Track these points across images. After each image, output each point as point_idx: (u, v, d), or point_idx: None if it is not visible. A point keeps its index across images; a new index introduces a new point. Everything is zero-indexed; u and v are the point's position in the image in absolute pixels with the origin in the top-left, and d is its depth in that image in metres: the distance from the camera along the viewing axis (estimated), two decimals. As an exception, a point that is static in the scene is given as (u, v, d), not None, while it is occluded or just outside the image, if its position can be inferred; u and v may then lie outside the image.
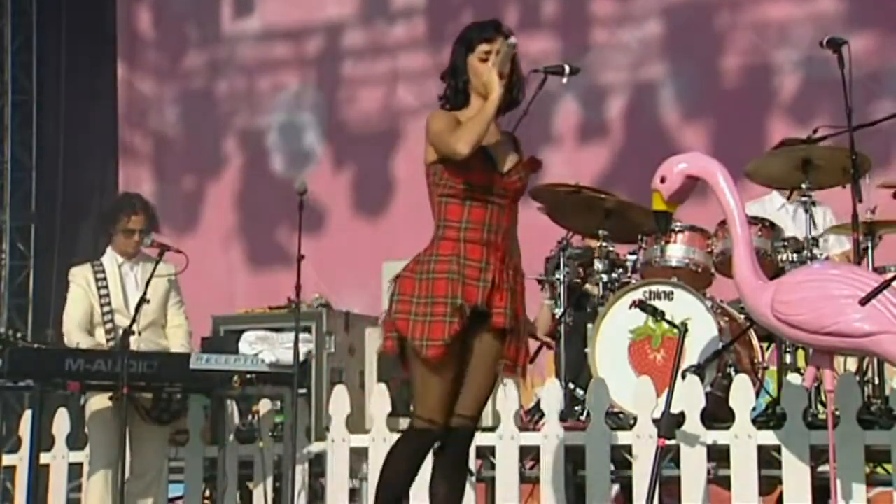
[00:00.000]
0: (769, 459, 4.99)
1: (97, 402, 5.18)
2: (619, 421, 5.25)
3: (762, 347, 5.55)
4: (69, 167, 8.58)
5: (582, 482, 5.22)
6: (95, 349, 5.11)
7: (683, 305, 5.24)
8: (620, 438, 5.11)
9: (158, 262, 5.25)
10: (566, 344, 5.66)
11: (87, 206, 8.48)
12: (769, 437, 4.94)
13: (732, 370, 5.30)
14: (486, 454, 5.42)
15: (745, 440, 4.92)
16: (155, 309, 5.33)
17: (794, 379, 5.07)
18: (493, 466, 5.36)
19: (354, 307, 6.29)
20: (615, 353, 5.38)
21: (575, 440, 5.19)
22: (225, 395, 5.38)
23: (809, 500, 4.81)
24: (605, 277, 5.72)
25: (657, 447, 4.42)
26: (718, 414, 5.09)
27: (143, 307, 5.09)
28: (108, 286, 5.30)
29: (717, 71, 7.59)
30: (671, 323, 4.80)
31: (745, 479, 4.90)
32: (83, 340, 5.21)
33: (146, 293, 5.08)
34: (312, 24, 8.61)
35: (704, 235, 5.67)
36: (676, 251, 5.65)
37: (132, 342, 5.04)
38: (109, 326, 5.23)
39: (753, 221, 5.32)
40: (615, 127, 7.77)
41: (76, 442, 5.98)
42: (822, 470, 4.92)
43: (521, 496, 5.31)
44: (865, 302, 3.95)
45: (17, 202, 8.61)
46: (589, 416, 5.21)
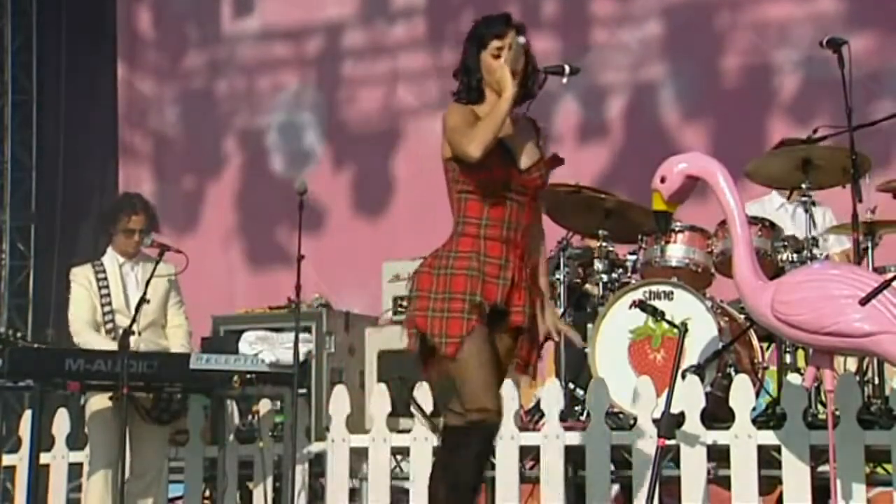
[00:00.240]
0: (769, 459, 4.99)
1: (97, 402, 5.18)
2: (619, 421, 5.25)
3: (762, 347, 5.55)
4: (69, 167, 8.57)
5: (582, 482, 5.22)
6: (95, 349, 5.10)
7: (683, 305, 5.24)
8: (620, 438, 5.11)
9: (158, 262, 5.24)
10: (566, 344, 5.65)
11: (87, 206, 8.47)
12: (769, 436, 4.94)
13: (732, 370, 5.30)
14: (486, 454, 5.42)
15: (745, 440, 4.92)
16: (155, 309, 5.32)
17: (794, 379, 5.07)
18: (493, 466, 5.35)
19: (354, 307, 6.29)
20: (615, 353, 5.38)
21: (575, 440, 5.19)
22: (225, 395, 5.38)
23: (809, 500, 4.81)
24: (605, 277, 5.73)
25: (657, 447, 4.42)
26: (718, 414, 5.09)
27: (143, 307, 5.09)
28: (108, 286, 5.30)
29: (717, 71, 7.59)
30: (671, 323, 4.80)
31: (745, 479, 4.90)
32: (94, 339, 5.20)
33: (146, 293, 5.08)
34: (312, 24, 8.61)
35: (704, 235, 5.67)
36: (676, 251, 5.65)
37: (132, 342, 5.04)
38: (110, 326, 5.23)
39: (753, 221, 5.32)
40: (615, 127, 7.77)
41: (76, 442, 5.98)
42: (822, 470, 4.93)
43: (521, 496, 5.31)
44: (865, 302, 3.95)
45: (17, 202, 8.61)
46: (589, 416, 5.21)
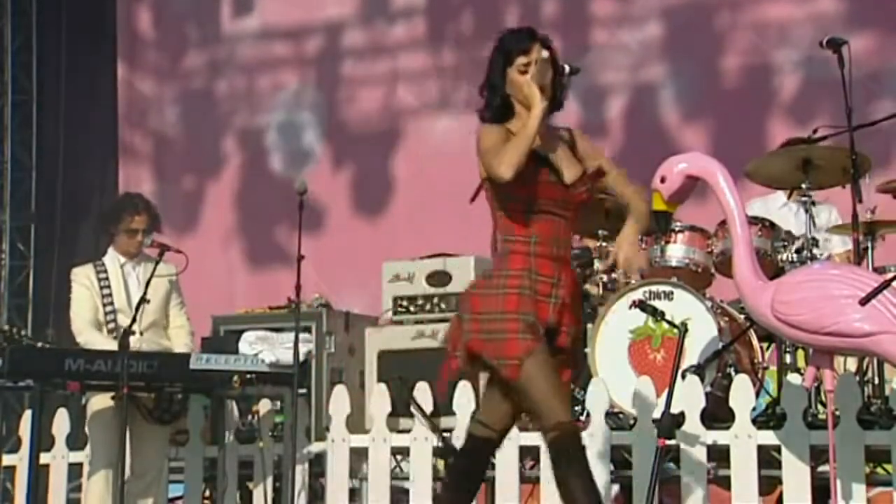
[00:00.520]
0: (769, 459, 4.99)
1: (99, 401, 5.18)
2: (618, 421, 5.25)
3: (762, 347, 5.55)
4: (69, 167, 8.57)
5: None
6: (95, 349, 5.10)
7: (683, 305, 5.24)
8: (620, 438, 5.11)
9: (158, 262, 5.24)
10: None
11: (87, 206, 8.47)
12: (769, 437, 4.95)
13: (732, 370, 5.30)
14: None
15: (745, 440, 4.92)
16: (156, 309, 5.32)
17: (794, 379, 5.07)
18: (492, 466, 5.36)
19: (354, 307, 6.29)
20: (615, 353, 5.38)
21: (575, 440, 5.17)
22: (225, 395, 5.38)
23: (809, 500, 4.81)
24: (604, 277, 5.72)
25: (657, 447, 4.42)
26: (718, 414, 5.09)
27: (143, 307, 5.09)
28: (110, 286, 5.30)
29: (717, 71, 7.59)
30: (671, 323, 4.80)
31: (745, 479, 4.90)
32: (97, 338, 5.20)
33: (146, 293, 5.08)
34: (312, 23, 8.61)
35: (704, 235, 5.67)
36: (676, 251, 5.65)
37: (134, 342, 5.04)
38: (112, 326, 5.23)
39: (753, 221, 5.32)
40: (615, 127, 7.77)
41: (76, 442, 5.98)
42: (822, 470, 4.93)
43: (521, 496, 5.31)
44: (865, 302, 3.95)
45: (17, 202, 8.60)
46: (589, 416, 5.21)
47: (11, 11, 8.62)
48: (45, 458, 5.77)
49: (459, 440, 5.26)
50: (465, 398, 5.34)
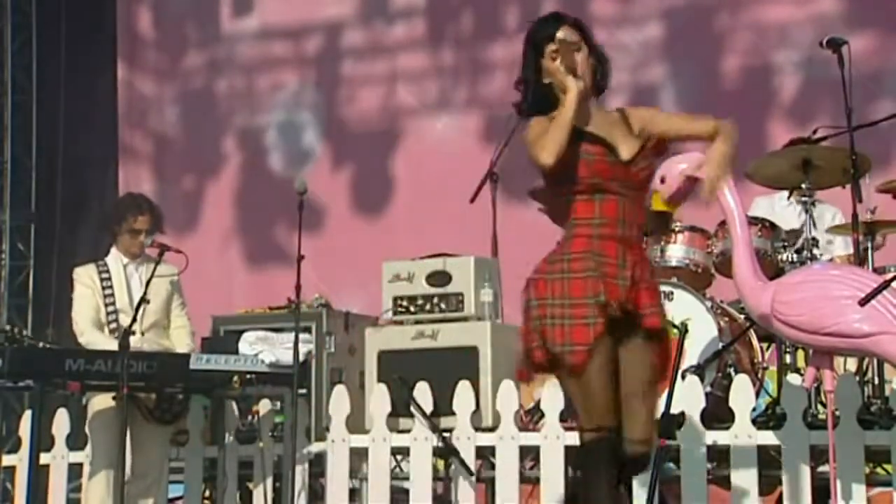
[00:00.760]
0: (769, 459, 4.99)
1: (100, 401, 5.18)
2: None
3: (762, 348, 5.55)
4: (69, 167, 8.57)
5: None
6: (95, 349, 5.10)
7: (683, 305, 5.24)
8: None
9: (158, 262, 5.24)
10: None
11: (86, 206, 8.47)
12: (769, 437, 4.95)
13: (732, 370, 5.30)
14: (486, 454, 5.42)
15: (745, 440, 4.92)
16: (158, 310, 5.32)
17: (793, 379, 5.08)
18: (492, 466, 5.36)
19: (354, 307, 6.28)
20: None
21: (575, 440, 5.16)
22: (225, 395, 5.38)
23: (809, 500, 4.81)
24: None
25: (657, 447, 4.41)
26: (718, 414, 5.09)
27: (144, 307, 5.08)
28: (112, 286, 5.29)
29: (717, 72, 7.59)
30: (671, 323, 4.79)
31: (745, 479, 4.90)
32: (99, 338, 5.20)
33: (146, 293, 5.08)
34: (311, 23, 8.61)
35: (704, 236, 5.67)
36: (676, 251, 5.66)
37: (135, 342, 5.04)
38: (114, 326, 5.22)
39: (753, 222, 5.32)
40: (615, 128, 7.75)
41: (76, 442, 5.98)
42: (822, 470, 4.93)
43: (521, 496, 5.31)
44: (865, 302, 3.95)
45: (16, 202, 8.60)
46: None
47: (11, 11, 8.62)
48: (45, 458, 5.77)
49: (459, 441, 5.29)
50: (465, 397, 5.35)
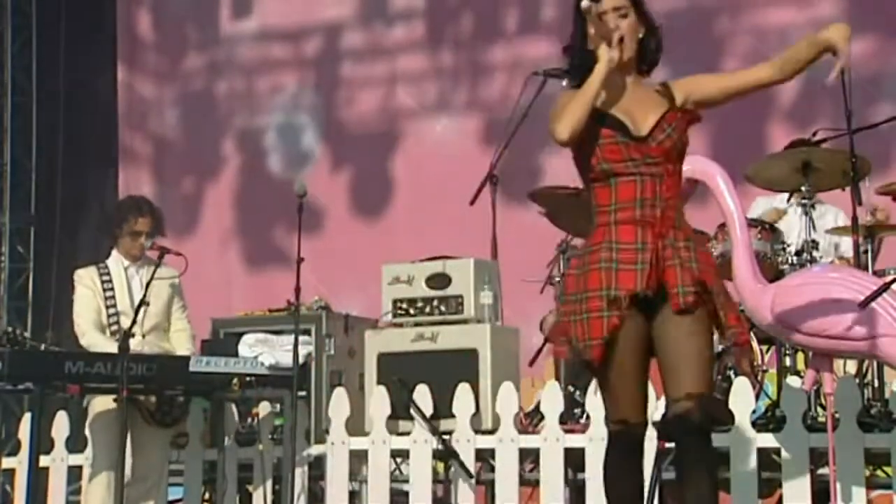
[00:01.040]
0: (769, 462, 4.99)
1: (100, 404, 5.17)
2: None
3: (762, 350, 5.55)
4: (68, 169, 8.57)
5: (581, 485, 5.21)
6: (95, 351, 5.10)
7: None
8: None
9: (158, 264, 5.23)
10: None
11: (86, 208, 8.47)
12: (769, 439, 4.95)
13: (732, 373, 5.30)
14: (485, 457, 5.42)
15: (744, 443, 4.92)
16: (158, 312, 5.32)
17: (793, 382, 5.07)
18: (492, 469, 5.36)
19: (353, 309, 6.28)
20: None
21: (575, 443, 5.19)
22: (224, 397, 5.38)
23: (809, 503, 4.81)
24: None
25: (657, 449, 4.41)
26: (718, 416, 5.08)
27: (144, 309, 5.08)
28: (113, 288, 5.29)
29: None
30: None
31: (744, 481, 4.89)
32: (100, 340, 5.19)
33: (145, 296, 5.07)
34: (311, 25, 8.61)
35: (704, 238, 5.66)
36: (676, 254, 5.64)
37: (136, 345, 5.03)
38: (115, 329, 5.22)
39: (753, 224, 5.32)
40: (615, 130, 7.75)
41: (76, 445, 5.98)
42: (821, 473, 4.92)
43: (520, 498, 5.31)
44: (865, 305, 3.95)
45: (16, 204, 8.60)
46: (588, 418, 5.21)
47: (11, 13, 8.62)
48: (44, 460, 5.78)
49: (459, 444, 5.29)
50: (464, 399, 5.35)
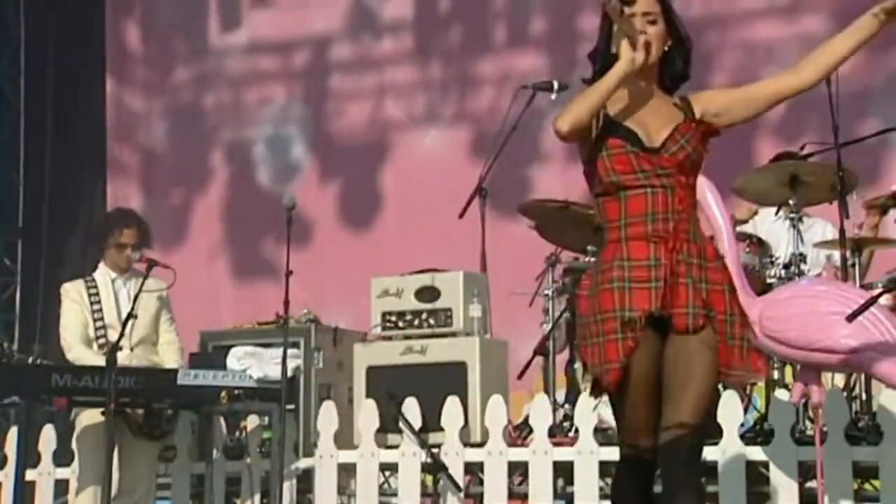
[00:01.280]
0: (757, 475, 4.99)
1: (87, 417, 5.16)
2: (607, 437, 5.24)
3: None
4: (56, 182, 8.54)
5: (570, 498, 5.21)
6: (82, 365, 5.08)
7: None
8: (609, 454, 5.11)
9: (146, 277, 5.22)
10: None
11: (74, 221, 8.44)
12: (757, 452, 4.95)
13: (721, 386, 5.30)
14: (474, 470, 5.42)
15: (733, 456, 4.92)
16: (146, 325, 5.32)
17: (781, 395, 5.08)
18: (481, 482, 5.36)
19: (342, 322, 6.28)
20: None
21: (563, 456, 5.18)
22: (213, 410, 5.36)
23: (797, 516, 4.82)
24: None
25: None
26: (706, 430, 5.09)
27: (132, 322, 5.07)
28: (100, 301, 5.29)
29: (705, 90, 7.58)
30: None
31: (733, 495, 4.89)
32: (87, 354, 5.18)
33: (133, 308, 5.06)
34: (299, 37, 8.62)
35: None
36: (664, 267, 5.65)
37: (124, 358, 5.02)
38: (103, 342, 5.21)
39: (741, 237, 5.33)
40: (603, 143, 7.76)
41: (62, 458, 5.95)
42: (809, 486, 4.93)
43: (509, 512, 5.31)
44: (852, 318, 3.95)
45: (3, 217, 8.56)
46: (577, 431, 5.21)
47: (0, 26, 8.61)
48: (31, 474, 5.76)
49: (447, 457, 5.28)
50: (453, 412, 5.34)
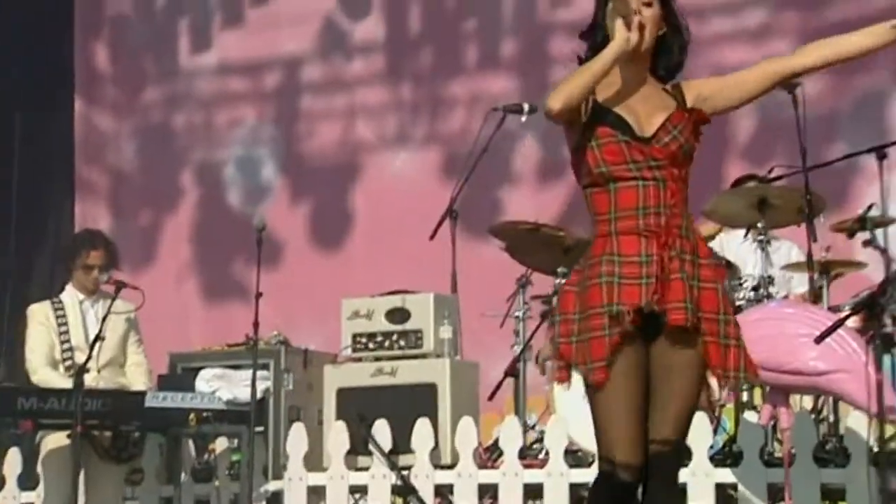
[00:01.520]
0: (726, 497, 5.00)
1: (53, 440, 5.12)
2: (577, 459, 5.25)
3: (719, 385, 5.56)
4: (24, 202, 8.47)
5: (541, 520, 5.21)
6: (48, 387, 5.04)
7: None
8: (579, 476, 5.11)
9: (115, 298, 5.20)
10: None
11: (42, 242, 8.38)
12: (726, 474, 4.96)
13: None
14: (444, 492, 5.40)
15: (702, 478, 4.93)
16: (114, 347, 5.29)
17: (750, 417, 5.10)
18: (450, 504, 5.35)
19: (312, 343, 6.26)
20: (574, 390, 5.35)
21: (534, 478, 5.18)
22: (181, 433, 5.33)
23: (766, 537, 4.83)
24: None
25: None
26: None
27: (99, 344, 5.04)
28: (67, 323, 5.26)
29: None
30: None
31: (702, 516, 4.91)
32: (52, 376, 5.14)
33: (101, 330, 5.03)
34: (270, 58, 8.60)
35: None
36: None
37: (91, 380, 4.99)
38: (69, 364, 5.18)
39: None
40: (574, 166, 7.79)
41: (28, 482, 5.89)
42: (778, 508, 4.95)
43: (479, 535, 5.29)
44: (820, 340, 3.98)
45: (-30, 238, 8.50)
46: (548, 454, 5.21)
47: (-33, 46, 8.55)
48: (-4, 498, 5.70)
49: (418, 479, 5.27)
50: (423, 434, 5.33)
